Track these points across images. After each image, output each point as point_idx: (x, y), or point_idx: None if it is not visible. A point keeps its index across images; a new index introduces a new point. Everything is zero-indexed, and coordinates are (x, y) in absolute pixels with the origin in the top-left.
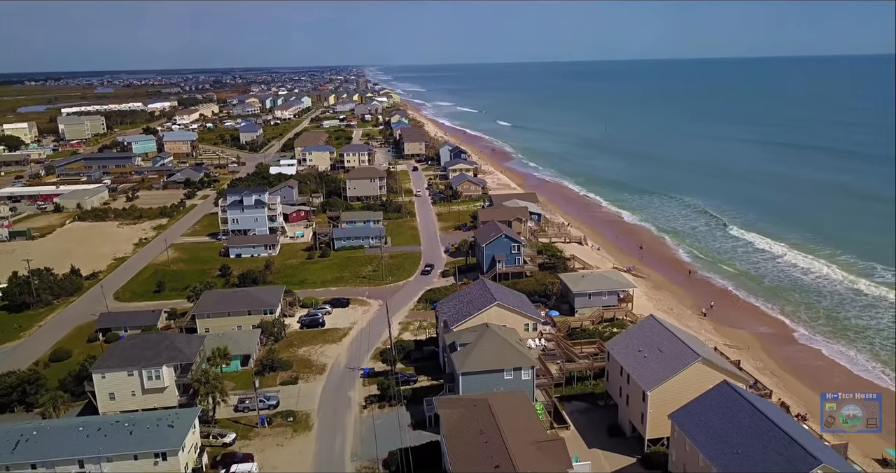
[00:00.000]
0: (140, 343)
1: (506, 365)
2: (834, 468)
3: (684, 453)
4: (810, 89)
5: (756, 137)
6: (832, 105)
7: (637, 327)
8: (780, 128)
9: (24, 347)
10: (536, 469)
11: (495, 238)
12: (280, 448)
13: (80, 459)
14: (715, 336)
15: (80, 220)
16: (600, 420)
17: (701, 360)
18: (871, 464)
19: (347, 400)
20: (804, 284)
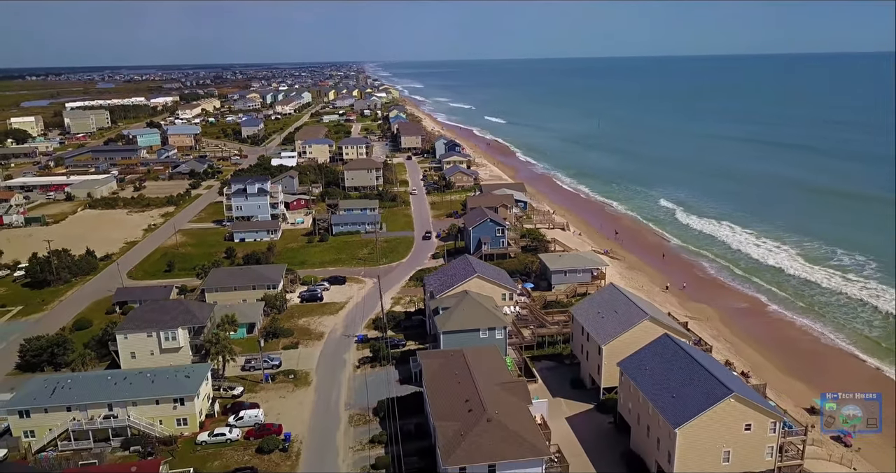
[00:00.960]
0: (158, 308)
1: (481, 325)
2: (743, 396)
3: (629, 394)
4: (805, 87)
5: (742, 135)
6: (822, 103)
7: (598, 293)
8: (766, 126)
9: (49, 318)
10: (500, 404)
11: (481, 222)
12: (282, 400)
13: (108, 403)
14: (678, 308)
15: (90, 208)
16: (565, 375)
17: (649, 318)
18: (801, 412)
19: (343, 362)
20: (771, 267)
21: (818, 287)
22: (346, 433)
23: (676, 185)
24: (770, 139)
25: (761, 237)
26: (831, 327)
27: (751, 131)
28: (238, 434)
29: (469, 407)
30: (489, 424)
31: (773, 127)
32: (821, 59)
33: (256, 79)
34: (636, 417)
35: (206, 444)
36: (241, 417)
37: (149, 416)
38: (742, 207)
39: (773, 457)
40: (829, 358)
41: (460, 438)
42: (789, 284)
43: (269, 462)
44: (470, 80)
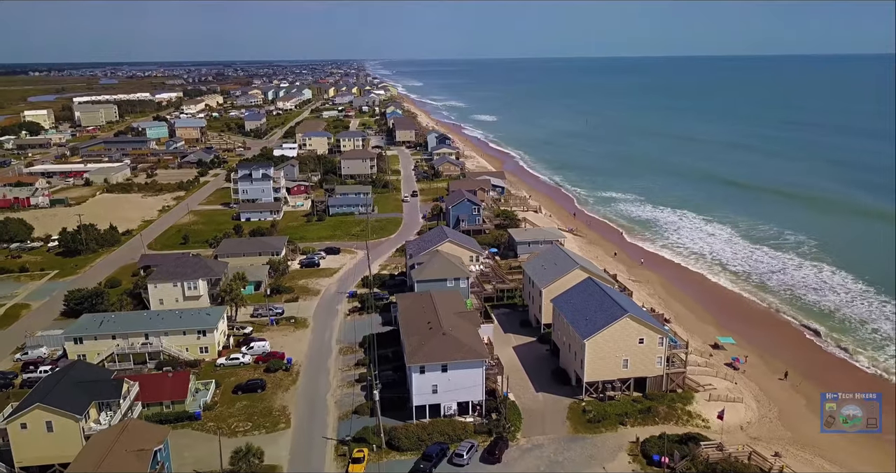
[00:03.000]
0: (182, 263)
1: (448, 276)
2: (637, 316)
3: (559, 324)
4: (794, 88)
5: (708, 136)
6: (804, 105)
7: (544, 251)
8: (738, 126)
9: (83, 279)
10: (454, 325)
11: (459, 201)
12: (285, 337)
13: (145, 333)
14: (624, 273)
15: (108, 193)
16: (516, 317)
17: (579, 267)
18: (707, 348)
19: (335, 311)
20: (718, 245)
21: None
22: (336, 359)
23: (642, 179)
24: (733, 140)
25: (712, 222)
26: (753, 289)
27: (717, 131)
28: (249, 359)
29: (430, 327)
30: (444, 337)
31: (744, 127)
32: (819, 61)
33: (258, 77)
34: (563, 340)
35: (223, 366)
36: (251, 347)
37: (177, 344)
38: (699, 200)
39: (662, 365)
40: (738, 310)
41: (421, 346)
42: (730, 259)
43: (274, 378)
44: (471, 79)
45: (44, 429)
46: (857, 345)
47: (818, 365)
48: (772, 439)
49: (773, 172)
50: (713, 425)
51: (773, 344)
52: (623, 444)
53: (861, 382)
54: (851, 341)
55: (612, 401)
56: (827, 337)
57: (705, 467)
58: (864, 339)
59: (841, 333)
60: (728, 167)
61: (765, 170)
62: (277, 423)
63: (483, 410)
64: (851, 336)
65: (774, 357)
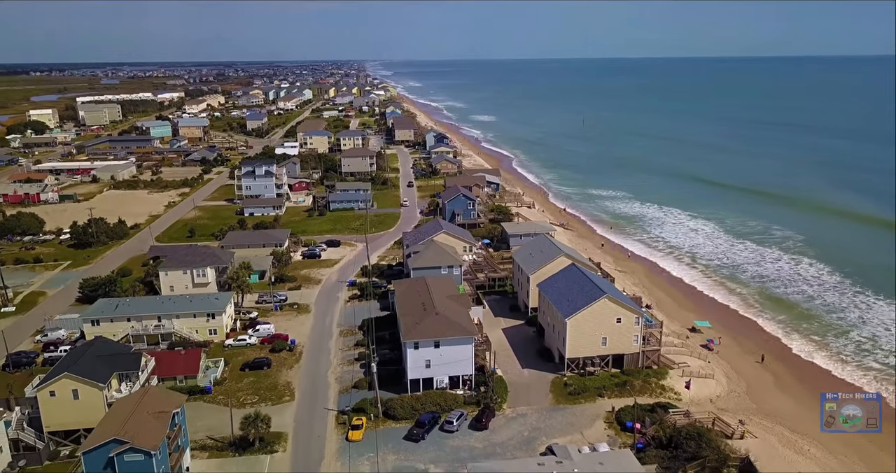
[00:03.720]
0: (191, 252)
1: (442, 264)
2: (614, 297)
3: (545, 306)
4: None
5: (694, 137)
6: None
7: (532, 241)
8: (723, 129)
9: (94, 269)
10: (446, 306)
11: (455, 197)
12: (288, 321)
13: (158, 315)
14: (611, 264)
15: (114, 189)
16: (506, 303)
17: (563, 255)
18: (684, 331)
19: (336, 298)
20: (699, 240)
21: (734, 255)
22: (336, 340)
23: (632, 178)
24: (722, 143)
25: (694, 218)
26: (725, 279)
27: (708, 133)
28: (255, 340)
29: (424, 308)
30: (437, 316)
31: (733, 130)
32: (820, 62)
33: (259, 77)
34: (547, 321)
35: (231, 347)
36: (257, 329)
37: (188, 327)
38: (686, 199)
39: (639, 343)
40: (713, 298)
41: (416, 324)
42: (708, 253)
43: (279, 358)
44: (470, 80)
45: (70, 397)
46: (821, 331)
47: (781, 348)
48: (738, 410)
49: (761, 174)
50: (684, 397)
51: (745, 328)
52: (600, 413)
53: (817, 368)
54: (816, 327)
55: (591, 376)
56: (793, 322)
57: (673, 431)
58: (829, 325)
59: (805, 320)
60: (714, 168)
61: (753, 171)
62: (282, 396)
63: (472, 384)
64: (816, 322)
65: (747, 339)
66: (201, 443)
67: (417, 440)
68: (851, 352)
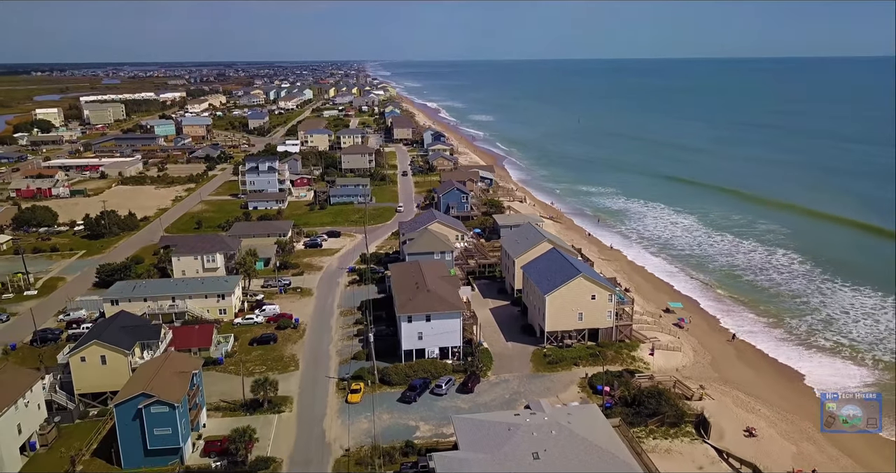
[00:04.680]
0: (201, 239)
1: (435, 249)
2: (589, 276)
3: (528, 286)
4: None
5: (678, 140)
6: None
7: (519, 228)
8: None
9: (108, 257)
10: (437, 285)
11: (449, 190)
12: (292, 303)
13: (172, 296)
14: (596, 253)
15: (122, 184)
16: (495, 287)
17: (546, 240)
18: (658, 311)
19: (337, 283)
20: (678, 233)
21: (709, 246)
22: (337, 319)
23: (621, 177)
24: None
25: (679, 214)
26: (694, 267)
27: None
28: (262, 319)
29: (417, 286)
30: (428, 293)
31: (721, 132)
32: (820, 64)
33: (259, 77)
34: (530, 300)
35: (240, 325)
36: (263, 309)
37: (200, 306)
38: (672, 197)
39: (612, 319)
40: (687, 284)
41: (409, 300)
42: (686, 244)
43: (284, 334)
44: (470, 80)
45: (99, 362)
46: (780, 314)
47: (746, 326)
48: (701, 378)
49: (751, 177)
50: (652, 366)
51: (715, 310)
52: (575, 380)
53: (773, 345)
54: (776, 310)
55: (568, 348)
56: (758, 305)
57: (637, 392)
58: (788, 309)
59: (769, 304)
60: (699, 170)
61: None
62: (288, 367)
63: (461, 354)
64: (777, 305)
65: (716, 320)
66: (215, 405)
67: (410, 402)
68: (804, 332)
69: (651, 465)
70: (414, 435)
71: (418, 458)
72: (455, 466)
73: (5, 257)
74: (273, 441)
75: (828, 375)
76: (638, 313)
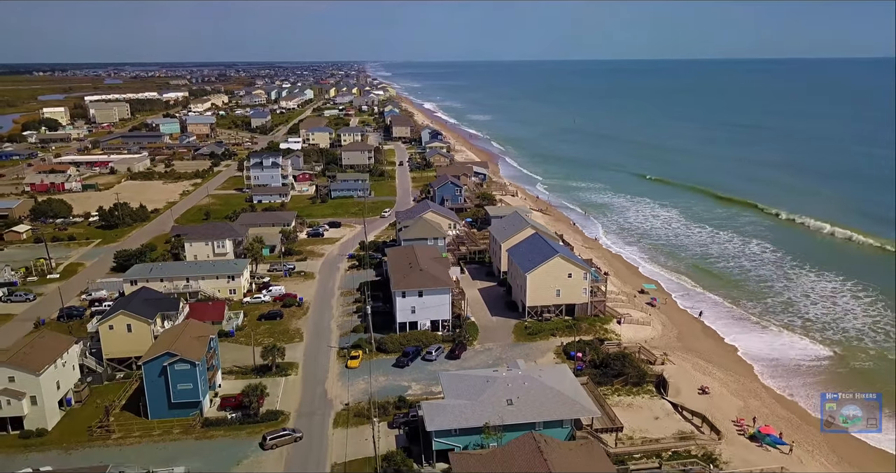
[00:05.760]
0: (212, 226)
1: (428, 235)
2: (566, 256)
3: (512, 268)
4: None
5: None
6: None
7: (506, 217)
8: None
9: (124, 245)
10: (429, 265)
11: (444, 184)
12: (296, 285)
13: (186, 277)
14: (579, 241)
15: (131, 180)
16: (484, 270)
17: (529, 226)
18: (633, 291)
19: (338, 268)
20: (661, 224)
21: (685, 237)
22: (338, 299)
23: (606, 174)
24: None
25: (662, 208)
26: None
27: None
28: (269, 298)
29: (411, 266)
30: (420, 272)
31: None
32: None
33: (260, 77)
34: (514, 279)
35: (248, 303)
36: (270, 290)
37: (212, 287)
38: (648, 192)
39: (587, 295)
40: (661, 271)
41: (403, 277)
42: (664, 234)
43: (290, 311)
44: (469, 81)
45: (125, 330)
46: (741, 295)
47: (709, 306)
48: (666, 348)
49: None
50: (623, 337)
51: (686, 291)
52: (551, 348)
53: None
54: (740, 293)
55: (547, 321)
56: (724, 287)
57: (605, 356)
58: (752, 291)
59: (735, 288)
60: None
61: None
62: (293, 338)
63: (450, 326)
64: (741, 289)
65: (685, 300)
66: (228, 370)
67: (403, 366)
68: (763, 311)
69: (612, 414)
70: (406, 393)
71: (409, 410)
72: (439, 411)
73: (26, 245)
74: (281, 398)
75: (766, 349)
76: (614, 293)
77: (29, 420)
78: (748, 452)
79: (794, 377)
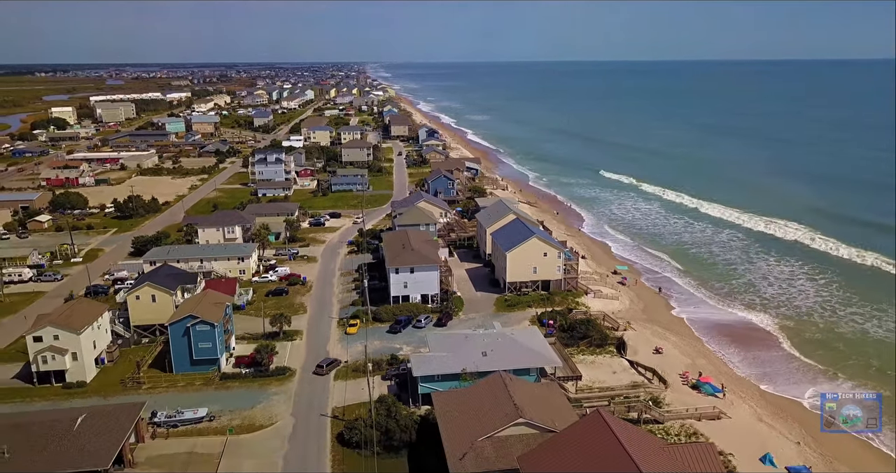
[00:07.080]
0: (222, 214)
1: (421, 222)
2: (542, 237)
3: (495, 249)
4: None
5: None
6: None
7: (492, 205)
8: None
9: (139, 233)
10: (420, 246)
11: (437, 177)
12: (300, 268)
13: (200, 258)
14: (564, 230)
15: (141, 175)
16: (471, 254)
17: (512, 213)
18: (607, 272)
19: (338, 253)
20: (641, 216)
21: (661, 226)
22: (338, 279)
23: (593, 171)
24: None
25: (645, 202)
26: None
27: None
28: (275, 278)
29: (403, 246)
30: (412, 251)
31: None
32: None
33: (261, 78)
34: (497, 259)
35: (256, 282)
36: (276, 271)
37: (223, 267)
38: (634, 188)
39: (561, 272)
40: (634, 255)
41: (397, 256)
42: (643, 224)
43: (294, 289)
44: (469, 82)
45: (150, 300)
46: (705, 274)
47: (674, 284)
48: (631, 318)
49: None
50: (592, 308)
51: (653, 272)
52: (527, 317)
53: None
54: (703, 272)
55: (525, 295)
56: (689, 268)
57: (573, 322)
58: (718, 273)
59: (700, 268)
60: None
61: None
62: (298, 311)
63: (438, 300)
64: (706, 271)
65: (655, 281)
66: (241, 336)
67: (396, 332)
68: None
69: (574, 366)
70: (398, 353)
71: (400, 364)
72: (425, 360)
73: (48, 233)
74: (288, 358)
75: (722, 321)
76: (588, 273)
77: (70, 373)
78: (689, 397)
79: (741, 344)
